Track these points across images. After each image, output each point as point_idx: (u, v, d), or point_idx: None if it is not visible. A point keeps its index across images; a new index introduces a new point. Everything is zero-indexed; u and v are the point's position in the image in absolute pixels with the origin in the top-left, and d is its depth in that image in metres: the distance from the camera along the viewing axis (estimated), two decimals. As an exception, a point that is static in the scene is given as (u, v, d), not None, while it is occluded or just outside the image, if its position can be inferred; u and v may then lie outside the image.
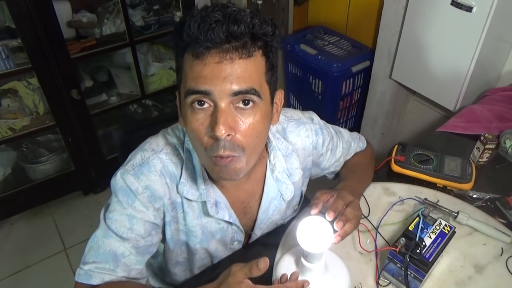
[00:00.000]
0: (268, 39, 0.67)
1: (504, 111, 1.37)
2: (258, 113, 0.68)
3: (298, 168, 0.90)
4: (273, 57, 0.70)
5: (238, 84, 0.64)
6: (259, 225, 0.91)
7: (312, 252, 0.72)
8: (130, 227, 0.76)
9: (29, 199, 1.97)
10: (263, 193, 0.87)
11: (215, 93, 0.64)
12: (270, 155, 0.86)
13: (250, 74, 0.65)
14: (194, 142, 0.71)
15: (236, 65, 0.63)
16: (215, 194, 0.82)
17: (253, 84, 0.65)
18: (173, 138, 0.82)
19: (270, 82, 0.70)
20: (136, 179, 0.76)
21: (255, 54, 0.66)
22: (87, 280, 0.75)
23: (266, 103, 0.70)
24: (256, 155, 0.73)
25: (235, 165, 0.69)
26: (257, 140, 0.70)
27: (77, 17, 1.86)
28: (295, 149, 0.89)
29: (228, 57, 0.63)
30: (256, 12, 0.66)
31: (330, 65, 2.01)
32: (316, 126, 0.92)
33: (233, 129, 0.66)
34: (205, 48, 0.62)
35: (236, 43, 0.63)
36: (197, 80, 0.64)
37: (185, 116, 0.69)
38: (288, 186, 0.88)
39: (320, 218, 0.74)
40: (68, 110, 1.80)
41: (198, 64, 0.64)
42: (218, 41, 0.62)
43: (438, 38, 1.56)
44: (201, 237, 0.86)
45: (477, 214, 0.99)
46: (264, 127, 0.71)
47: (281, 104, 0.78)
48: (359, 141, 1.07)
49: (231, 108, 0.66)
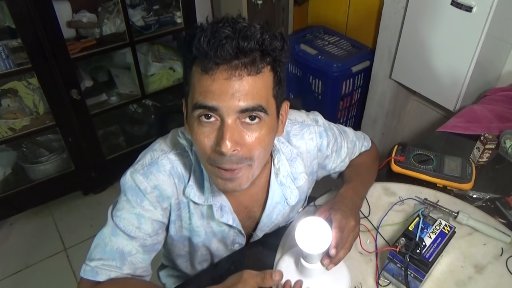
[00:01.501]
0: (277, 54, 0.67)
1: (504, 111, 1.37)
2: (264, 128, 0.68)
3: (303, 172, 0.89)
4: (281, 71, 0.70)
5: (245, 101, 0.64)
6: (261, 227, 0.91)
7: (311, 253, 0.72)
8: (138, 226, 0.77)
9: (29, 199, 1.96)
10: (267, 197, 0.87)
11: (223, 109, 0.64)
12: (275, 159, 0.85)
13: (257, 91, 0.65)
14: (198, 151, 0.71)
15: (245, 82, 0.63)
16: (220, 198, 0.83)
17: (261, 100, 0.66)
18: (183, 140, 0.82)
19: (277, 96, 0.71)
20: (145, 179, 0.77)
21: (263, 70, 0.66)
22: (93, 276, 0.76)
23: (272, 117, 0.70)
24: (261, 165, 0.74)
25: (241, 177, 0.70)
26: (264, 152, 0.71)
27: (77, 17, 1.86)
28: (299, 153, 0.88)
29: (237, 73, 0.63)
30: (266, 27, 0.65)
31: (330, 65, 2.01)
32: (320, 128, 0.91)
33: (239, 144, 0.66)
34: (214, 63, 0.62)
35: (245, 59, 0.63)
36: (205, 95, 0.64)
37: (191, 126, 0.70)
38: (292, 191, 0.87)
39: (319, 219, 0.74)
40: (68, 110, 1.80)
41: (207, 79, 0.64)
42: (227, 58, 0.62)
43: (438, 38, 1.56)
44: (204, 237, 0.87)
45: (477, 214, 0.99)
46: (270, 140, 0.71)
47: (287, 115, 0.79)
48: (364, 140, 1.06)
49: (237, 124, 0.66)
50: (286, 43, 0.68)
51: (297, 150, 0.88)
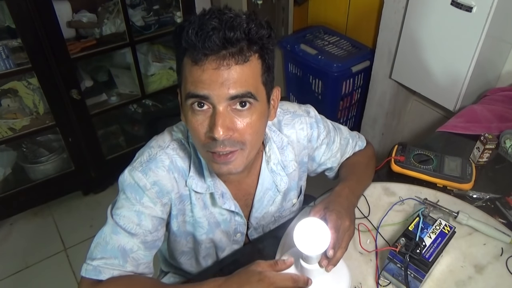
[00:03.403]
0: (264, 41, 0.69)
1: (504, 111, 1.37)
2: (255, 113, 0.71)
3: (293, 160, 0.92)
4: (269, 58, 0.72)
5: (234, 88, 0.66)
6: (254, 213, 0.92)
7: (310, 254, 0.72)
8: (138, 222, 0.77)
9: (29, 199, 1.97)
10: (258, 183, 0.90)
11: (213, 97, 0.67)
12: (266, 147, 0.88)
13: (246, 79, 0.68)
14: (193, 139, 0.75)
15: (233, 71, 0.66)
16: (221, 186, 0.85)
17: (249, 87, 0.68)
18: (178, 133, 0.84)
19: (266, 83, 0.73)
20: (144, 175, 0.78)
21: (251, 58, 0.68)
22: (96, 275, 0.76)
23: (263, 103, 0.73)
24: (255, 150, 0.76)
25: (235, 161, 0.72)
26: (256, 137, 0.74)
27: (77, 17, 1.86)
28: (290, 141, 0.91)
29: (225, 63, 0.65)
30: (253, 16, 0.67)
31: (330, 65, 2.01)
32: (311, 120, 0.94)
33: (231, 130, 0.69)
34: (203, 54, 0.65)
35: (233, 49, 0.65)
36: (196, 84, 0.67)
37: (186, 115, 0.73)
38: (282, 178, 0.90)
39: (317, 220, 0.74)
40: (68, 110, 1.80)
41: (197, 69, 0.66)
42: (215, 48, 0.64)
43: (438, 38, 1.56)
44: (207, 228, 0.88)
45: (477, 214, 0.98)
46: (261, 125, 0.74)
47: (278, 100, 0.81)
48: (358, 140, 1.08)
49: (228, 110, 0.69)
50: (272, 31, 0.70)
51: (288, 139, 0.91)
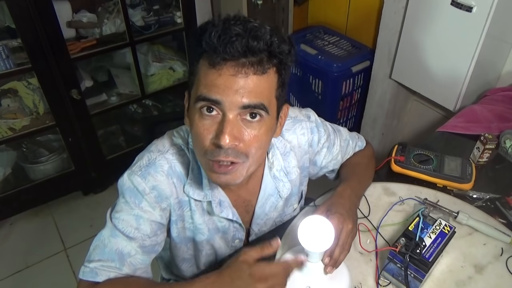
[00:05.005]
0: (283, 57, 0.69)
1: (504, 111, 1.37)
2: (264, 127, 0.70)
3: (295, 167, 0.91)
4: (285, 74, 0.72)
5: (248, 98, 0.66)
6: (255, 220, 0.92)
7: (313, 251, 0.72)
8: (137, 226, 0.77)
9: (29, 199, 1.96)
10: (260, 189, 0.89)
11: (225, 104, 0.66)
12: (269, 154, 0.88)
13: (261, 90, 0.67)
14: (196, 144, 0.73)
15: (250, 80, 0.65)
16: (219, 194, 0.84)
17: (263, 99, 0.67)
18: (178, 139, 0.83)
19: (279, 98, 0.72)
20: (143, 180, 0.77)
21: (269, 71, 0.67)
22: (92, 277, 0.76)
23: (272, 117, 0.72)
24: (256, 164, 0.75)
25: (235, 172, 0.71)
26: (260, 151, 0.73)
27: (77, 17, 1.86)
28: (292, 147, 0.91)
29: (243, 71, 0.65)
30: (276, 30, 0.67)
31: (330, 65, 2.01)
32: (312, 124, 0.93)
33: (237, 139, 0.68)
34: (222, 59, 0.64)
35: (253, 59, 0.65)
36: (210, 88, 0.66)
37: (192, 118, 0.71)
38: (285, 184, 0.90)
39: (321, 218, 0.74)
40: (68, 110, 1.80)
41: (214, 73, 0.65)
42: (236, 55, 0.63)
43: (438, 38, 1.56)
44: (208, 234, 0.88)
45: (477, 214, 0.99)
46: (267, 140, 0.73)
47: (285, 118, 0.81)
48: (358, 140, 1.08)
49: (238, 120, 0.68)
50: (293, 47, 0.70)
51: (289, 145, 0.90)
